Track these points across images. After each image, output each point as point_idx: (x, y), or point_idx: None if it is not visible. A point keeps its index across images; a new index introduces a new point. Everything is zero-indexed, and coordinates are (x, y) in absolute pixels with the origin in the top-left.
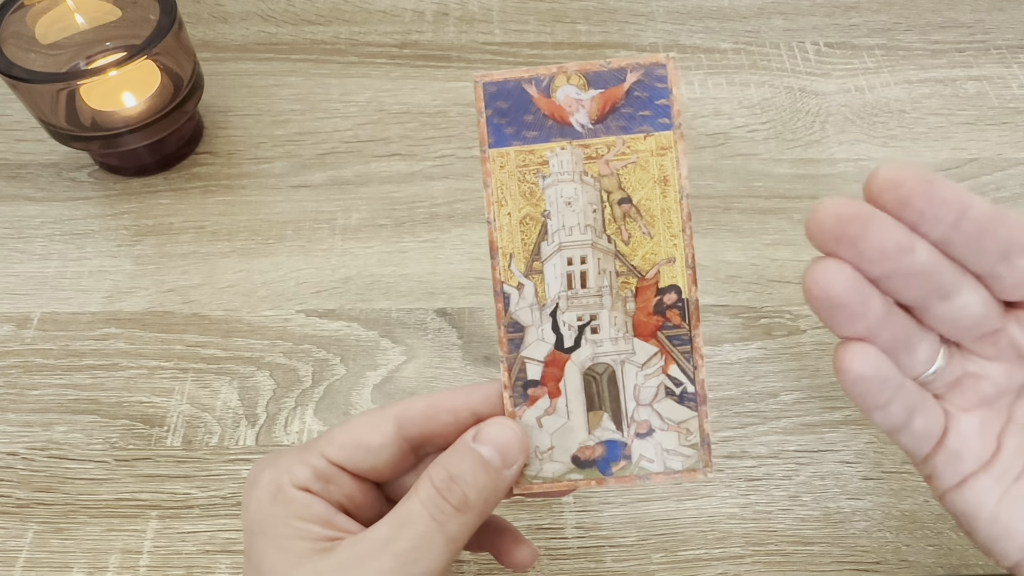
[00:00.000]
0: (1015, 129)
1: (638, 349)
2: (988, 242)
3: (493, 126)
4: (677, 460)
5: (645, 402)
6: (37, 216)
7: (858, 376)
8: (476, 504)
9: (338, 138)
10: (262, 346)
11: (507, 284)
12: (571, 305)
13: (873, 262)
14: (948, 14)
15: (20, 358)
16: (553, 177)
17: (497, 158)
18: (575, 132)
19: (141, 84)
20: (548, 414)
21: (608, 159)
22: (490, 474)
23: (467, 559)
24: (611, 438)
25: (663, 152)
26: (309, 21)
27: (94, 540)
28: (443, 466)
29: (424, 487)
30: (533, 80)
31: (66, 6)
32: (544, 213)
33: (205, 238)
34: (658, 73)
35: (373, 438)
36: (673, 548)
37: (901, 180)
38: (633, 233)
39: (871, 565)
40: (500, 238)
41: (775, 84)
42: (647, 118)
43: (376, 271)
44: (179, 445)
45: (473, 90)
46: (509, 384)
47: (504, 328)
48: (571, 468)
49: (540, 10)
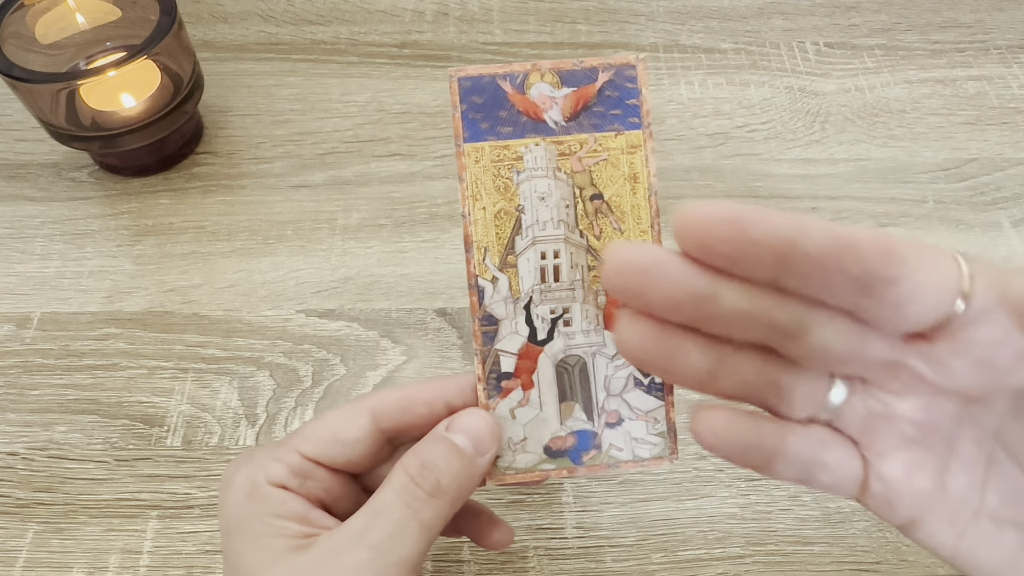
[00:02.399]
0: (1015, 129)
1: (608, 341)
2: (835, 278)
3: (468, 121)
4: (645, 448)
5: (615, 392)
6: (37, 216)
7: (712, 446)
8: (449, 490)
9: (338, 138)
10: (262, 346)
11: (481, 278)
12: (544, 298)
13: (670, 313)
14: (948, 14)
15: (20, 358)
16: (527, 172)
17: (472, 152)
18: (549, 129)
19: (141, 84)
20: (521, 406)
21: (580, 156)
22: (463, 461)
23: (467, 559)
24: (582, 428)
25: (633, 150)
26: (309, 21)
27: (94, 540)
28: (416, 454)
29: (397, 476)
30: (508, 76)
31: (66, 6)
32: (518, 208)
33: (205, 238)
34: (628, 74)
35: (348, 432)
36: (673, 548)
37: (700, 223)
38: (604, 228)
39: (871, 565)
40: (475, 232)
41: (775, 84)
42: (618, 116)
43: (376, 271)
44: (179, 445)
45: (448, 84)
46: (483, 376)
47: (478, 321)
48: (543, 458)
49: (540, 10)
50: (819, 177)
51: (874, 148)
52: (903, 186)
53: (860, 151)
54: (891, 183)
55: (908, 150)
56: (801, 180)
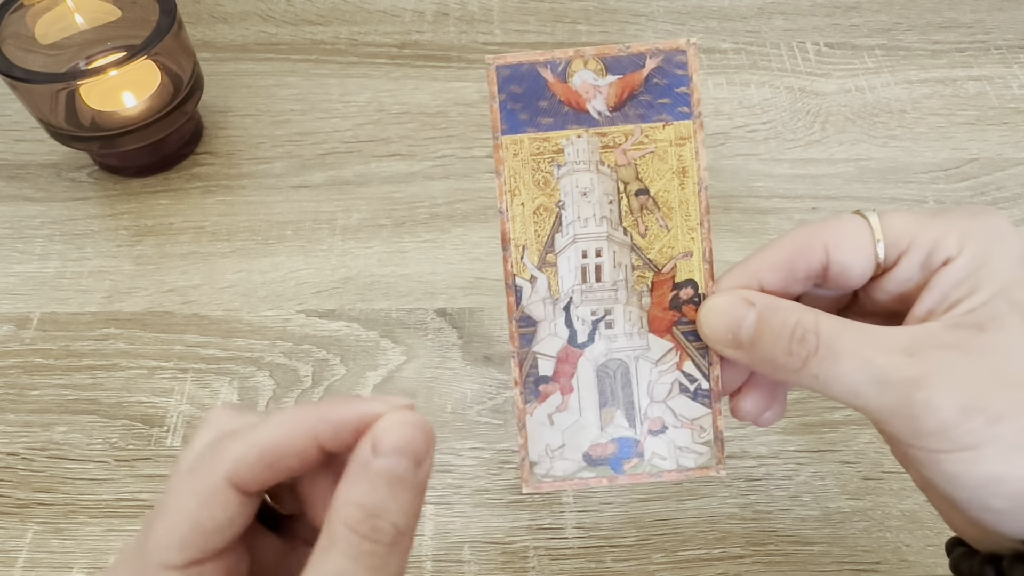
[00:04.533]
0: (1015, 129)
1: (652, 345)
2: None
3: (506, 112)
4: (690, 457)
5: (659, 399)
6: (37, 216)
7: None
8: (410, 527)
9: (338, 138)
10: (262, 346)
11: (519, 277)
12: (585, 299)
13: None
14: (948, 14)
15: (20, 358)
16: (568, 166)
17: (510, 145)
18: (592, 119)
19: (141, 84)
20: (560, 411)
21: (625, 148)
22: (408, 486)
23: (467, 559)
24: (624, 435)
25: (682, 142)
26: (309, 21)
27: (94, 540)
28: (353, 504)
29: (342, 536)
30: (549, 64)
31: (66, 6)
32: (559, 204)
33: (205, 238)
34: (678, 59)
35: (213, 516)
36: (673, 548)
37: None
38: (650, 226)
39: (871, 565)
40: (512, 229)
41: (775, 84)
42: (666, 106)
43: (376, 271)
44: (179, 445)
45: (486, 73)
46: (520, 380)
47: (516, 322)
48: (582, 466)
49: (540, 10)
50: (819, 177)
51: (874, 148)
52: (903, 186)
53: (860, 151)
54: (891, 183)
55: (908, 150)
56: (801, 180)
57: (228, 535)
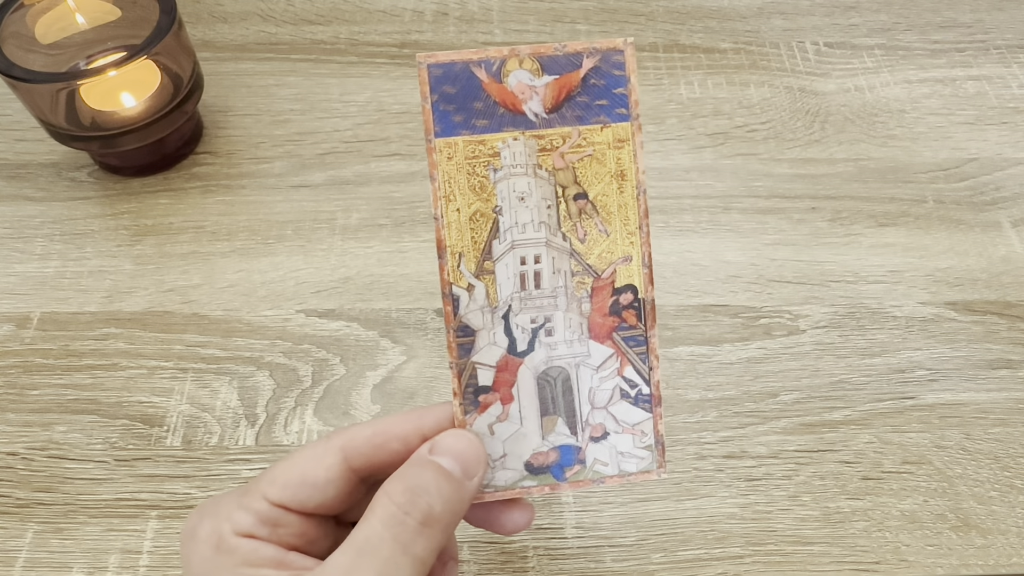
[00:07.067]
0: (1015, 129)
1: (593, 351)
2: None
3: (439, 113)
4: (631, 462)
5: (600, 405)
6: (37, 216)
7: None
8: (443, 517)
9: (338, 138)
10: (262, 346)
11: (456, 285)
12: (525, 307)
13: None
14: (948, 14)
15: (20, 358)
16: (505, 170)
17: (444, 148)
18: (528, 121)
19: (141, 84)
20: (500, 421)
21: (563, 151)
22: (453, 484)
23: (467, 559)
24: (565, 443)
25: (620, 145)
26: (309, 21)
27: (94, 540)
28: (401, 480)
29: (382, 506)
30: (483, 63)
31: (66, 6)
32: (496, 209)
33: (205, 238)
34: (615, 59)
35: (318, 473)
36: (673, 548)
37: None
38: (589, 231)
39: (871, 565)
40: (448, 236)
41: (775, 84)
42: (604, 108)
43: (376, 271)
44: (179, 445)
45: (417, 72)
46: (459, 391)
47: (453, 332)
48: (524, 475)
49: (540, 10)
50: (819, 177)
51: (874, 148)
52: (903, 186)
53: (860, 151)
54: (891, 183)
55: (908, 150)
56: (801, 180)
57: (320, 498)
